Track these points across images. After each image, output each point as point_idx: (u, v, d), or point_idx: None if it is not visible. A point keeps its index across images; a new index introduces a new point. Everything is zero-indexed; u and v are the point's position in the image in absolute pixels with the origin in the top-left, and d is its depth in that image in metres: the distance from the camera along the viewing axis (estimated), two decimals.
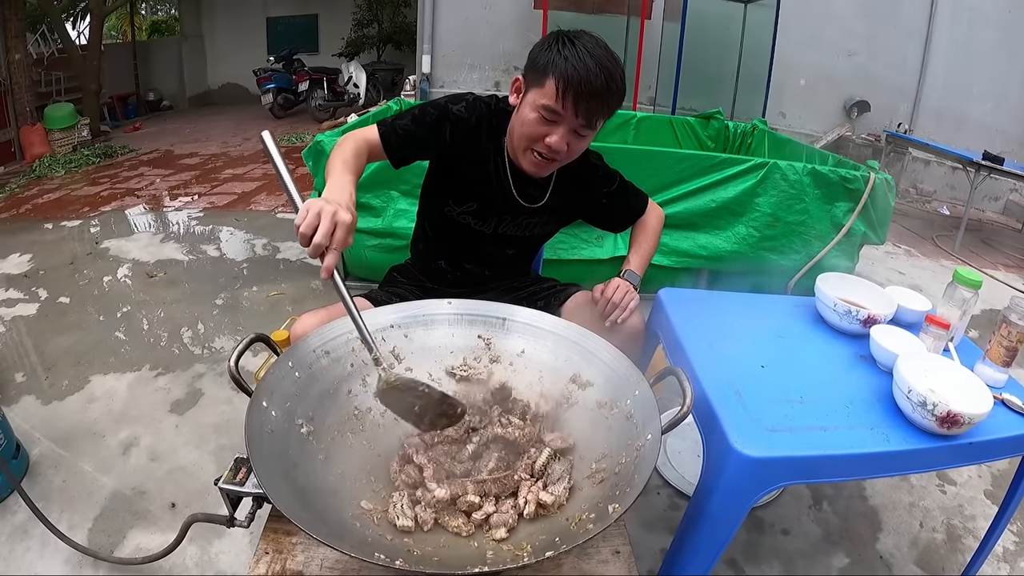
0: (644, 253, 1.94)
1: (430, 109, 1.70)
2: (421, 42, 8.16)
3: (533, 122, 1.56)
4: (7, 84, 8.20)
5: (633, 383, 1.26)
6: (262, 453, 1.04)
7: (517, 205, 1.82)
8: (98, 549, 1.96)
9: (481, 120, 1.73)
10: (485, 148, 1.76)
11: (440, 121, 1.69)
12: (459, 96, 1.76)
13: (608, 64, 1.48)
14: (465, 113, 1.72)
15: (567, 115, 1.52)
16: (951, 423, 1.30)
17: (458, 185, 1.81)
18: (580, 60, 1.46)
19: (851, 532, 2.24)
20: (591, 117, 1.53)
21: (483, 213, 1.83)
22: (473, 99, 1.75)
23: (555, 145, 1.56)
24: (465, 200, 1.82)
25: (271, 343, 1.31)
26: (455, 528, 1.08)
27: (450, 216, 1.84)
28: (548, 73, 1.49)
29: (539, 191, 1.83)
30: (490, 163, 1.77)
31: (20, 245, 4.68)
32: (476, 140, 1.74)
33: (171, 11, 16.58)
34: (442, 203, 1.84)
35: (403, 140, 1.67)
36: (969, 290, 1.68)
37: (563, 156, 1.62)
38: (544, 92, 1.51)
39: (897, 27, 8.22)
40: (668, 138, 5.58)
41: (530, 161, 1.65)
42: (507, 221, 1.85)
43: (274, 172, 1.23)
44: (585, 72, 1.45)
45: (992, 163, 5.79)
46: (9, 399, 2.75)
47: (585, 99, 1.48)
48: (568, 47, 1.48)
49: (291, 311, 3.66)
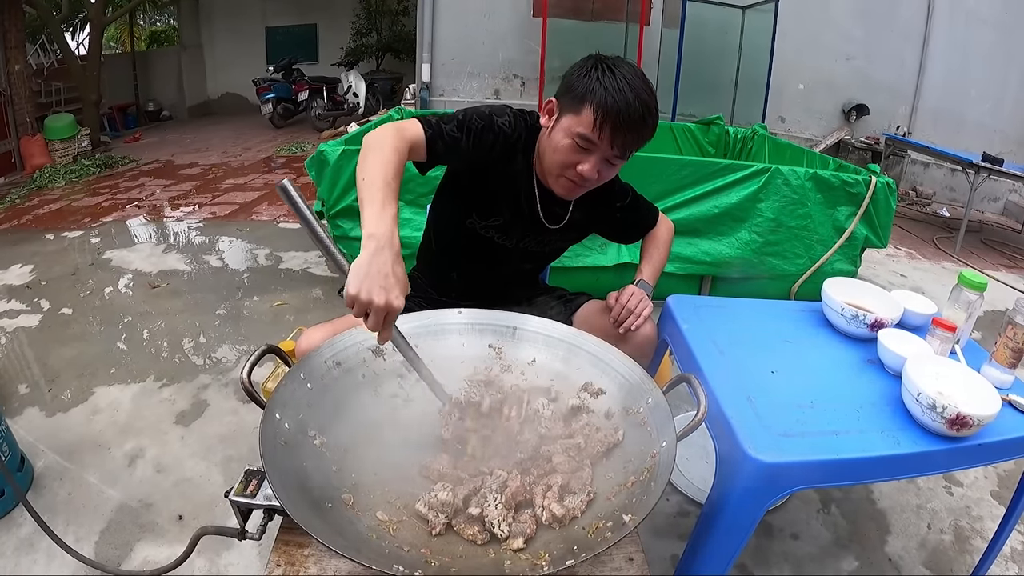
0: (656, 264, 1.95)
1: (476, 119, 1.62)
2: (420, 51, 8.18)
3: (566, 149, 1.54)
4: (7, 95, 8.20)
5: (646, 391, 1.26)
6: (276, 465, 1.03)
7: (541, 225, 1.81)
8: (105, 562, 1.96)
9: (521, 137, 1.69)
10: (518, 165, 1.73)
11: (485, 132, 1.62)
12: (501, 109, 1.69)
13: (646, 96, 1.46)
14: (509, 128, 1.66)
15: (602, 145, 1.50)
16: (960, 425, 1.30)
17: (485, 198, 1.77)
18: (620, 92, 1.43)
19: (859, 535, 2.24)
20: (626, 149, 1.52)
21: (508, 228, 1.81)
22: (514, 113, 1.70)
23: (587, 174, 1.54)
24: (491, 214, 1.78)
25: (282, 354, 1.30)
26: (470, 536, 1.07)
27: (472, 229, 1.81)
28: (586, 101, 1.46)
29: (562, 209, 1.82)
30: (520, 180, 1.75)
31: (21, 256, 4.69)
32: (512, 156, 1.70)
33: (170, 21, 16.59)
34: (464, 215, 1.80)
35: (448, 148, 1.57)
36: (974, 292, 1.68)
37: (593, 183, 1.61)
38: (580, 120, 1.48)
39: (894, 30, 8.25)
40: (669, 144, 5.59)
41: (562, 186, 1.63)
42: (529, 238, 1.84)
43: (300, 222, 1.13)
44: (625, 105, 1.43)
45: (991, 164, 5.81)
46: (13, 411, 2.74)
47: (623, 132, 1.46)
48: (608, 76, 1.45)
49: (294, 321, 3.66)
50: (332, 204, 3.53)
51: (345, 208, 3.52)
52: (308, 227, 1.12)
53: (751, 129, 5.46)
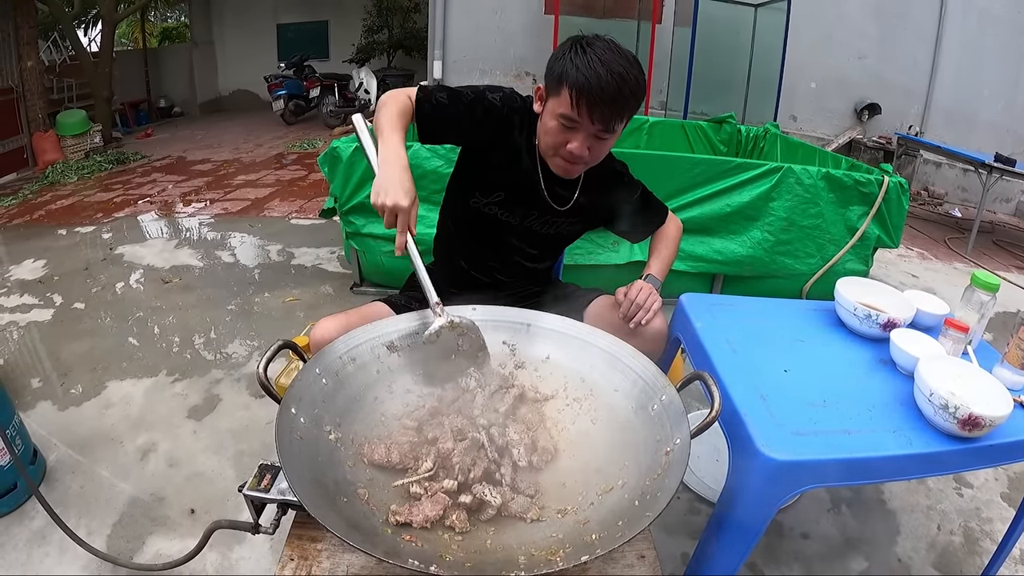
0: (664, 260, 1.96)
1: (467, 91, 1.74)
2: (432, 48, 8.18)
3: (554, 130, 1.60)
4: (19, 91, 8.24)
5: (660, 388, 1.26)
6: (292, 460, 1.04)
7: (545, 204, 1.84)
8: (117, 555, 1.97)
9: (514, 112, 1.76)
10: (517, 141, 1.78)
11: (474, 104, 1.72)
12: (498, 87, 1.79)
13: (620, 68, 1.49)
14: (499, 103, 1.74)
15: (584, 122, 1.54)
16: (972, 426, 1.30)
17: (486, 175, 1.82)
18: (591, 68, 1.48)
19: (869, 535, 2.24)
20: (607, 122, 1.55)
21: (511, 204, 1.84)
22: (510, 91, 1.78)
23: (576, 151, 1.58)
24: (493, 191, 1.82)
25: (298, 350, 1.31)
26: (452, 523, 1.09)
27: (476, 208, 1.85)
28: (563, 82, 1.52)
29: (568, 191, 1.85)
30: (522, 157, 1.79)
31: (34, 251, 4.71)
32: (508, 131, 1.76)
33: (182, 18, 16.62)
34: (468, 196, 1.85)
35: (436, 110, 1.70)
36: (987, 293, 1.67)
37: (588, 159, 1.64)
38: (560, 101, 1.54)
39: (907, 29, 8.20)
40: (681, 143, 5.58)
41: (558, 166, 1.69)
42: (534, 216, 1.86)
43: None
44: (596, 80, 1.47)
45: (1004, 165, 5.77)
46: (26, 404, 2.76)
47: (599, 107, 1.50)
48: (580, 55, 1.50)
49: (305, 317, 3.67)
50: (345, 200, 3.53)
51: (358, 205, 3.53)
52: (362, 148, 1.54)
53: (763, 128, 5.44)
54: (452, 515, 1.09)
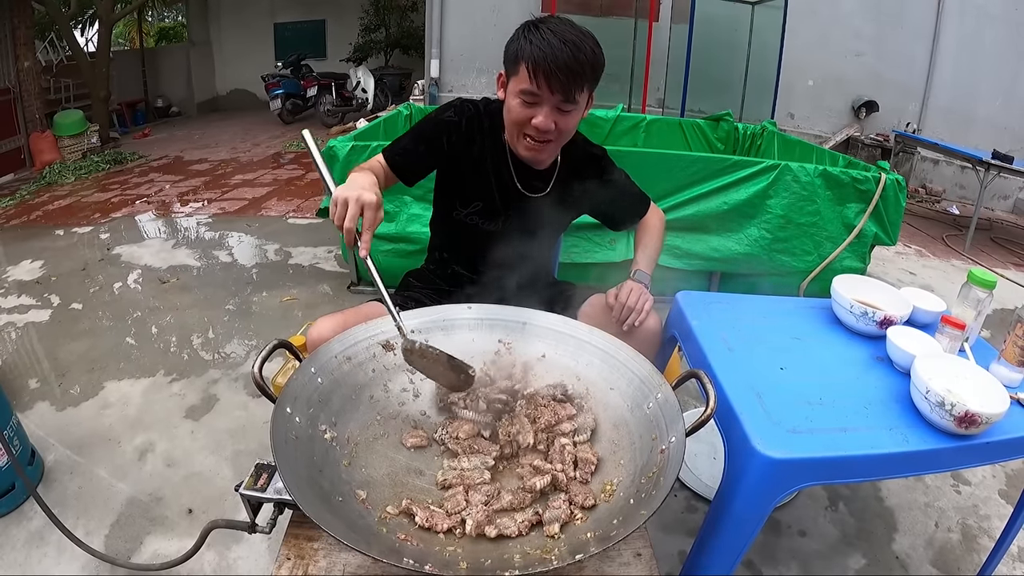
0: (651, 252, 1.98)
1: (424, 124, 1.84)
2: (429, 46, 8.18)
3: (517, 107, 1.64)
4: (16, 91, 8.22)
5: (656, 386, 1.26)
6: (287, 459, 1.04)
7: (520, 195, 1.86)
8: (115, 555, 1.97)
9: (471, 120, 1.82)
10: (480, 146, 1.83)
11: (437, 131, 1.81)
12: (448, 104, 1.86)
13: (573, 38, 1.54)
14: (455, 117, 1.82)
15: (544, 93, 1.58)
16: (969, 423, 1.30)
17: (462, 187, 1.88)
18: (544, 40, 1.53)
19: (867, 533, 2.24)
20: (567, 91, 1.57)
21: (489, 212, 1.88)
22: (460, 103, 1.86)
23: (542, 125, 1.62)
24: (471, 201, 1.87)
25: (293, 349, 1.31)
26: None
27: (458, 219, 1.90)
28: (519, 60, 1.57)
29: (542, 182, 1.88)
30: (488, 160, 1.83)
31: (32, 251, 4.71)
32: (470, 141, 1.82)
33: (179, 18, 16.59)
34: (449, 207, 1.91)
35: (407, 158, 1.80)
36: (984, 290, 1.67)
37: (555, 135, 1.67)
38: (520, 78, 1.59)
39: (904, 27, 8.20)
40: (678, 140, 5.57)
41: (525, 147, 1.71)
42: (513, 215, 1.88)
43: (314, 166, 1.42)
44: (550, 49, 1.52)
45: (1002, 162, 5.78)
46: (23, 405, 2.76)
47: (556, 75, 1.54)
48: (533, 32, 1.57)
49: (302, 316, 3.67)
50: None
51: None
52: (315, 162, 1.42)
53: (760, 125, 5.44)
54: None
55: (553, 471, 1.18)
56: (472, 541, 1.06)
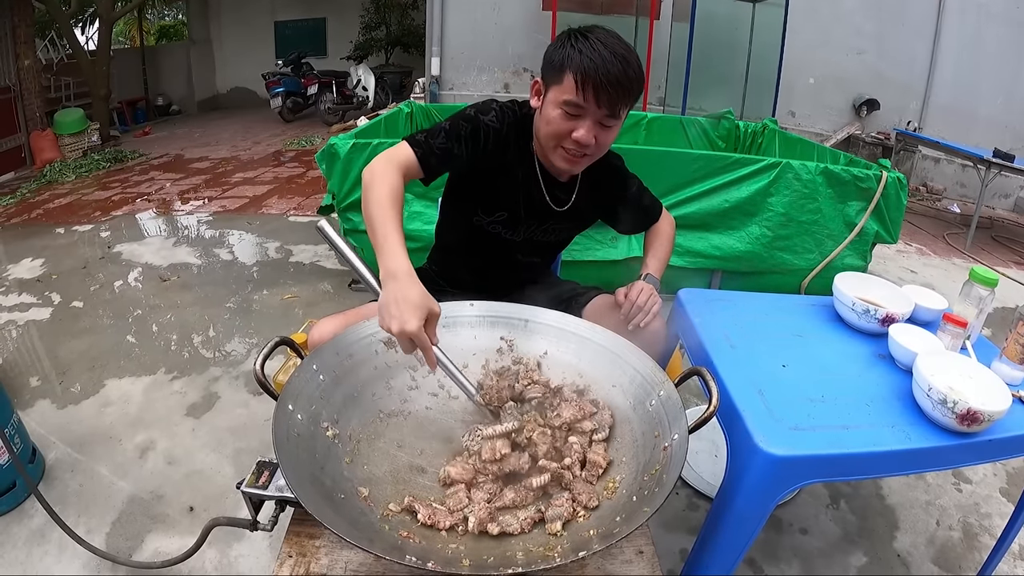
0: (661, 257, 1.94)
1: (462, 123, 1.65)
2: (430, 44, 8.17)
3: (557, 119, 1.56)
4: (17, 90, 8.23)
5: (658, 383, 1.26)
6: (289, 457, 1.04)
7: (547, 209, 1.82)
8: (116, 553, 1.97)
9: (511, 128, 1.72)
10: (513, 156, 1.74)
11: (475, 134, 1.66)
12: (486, 105, 1.72)
13: (622, 51, 1.49)
14: (496, 123, 1.69)
15: (590, 107, 1.51)
16: (971, 421, 1.30)
17: (488, 194, 1.79)
18: (595, 51, 1.47)
19: (868, 531, 2.24)
20: (614, 106, 1.52)
21: (513, 221, 1.82)
22: (500, 107, 1.73)
23: (583, 139, 1.55)
24: (495, 209, 1.80)
25: (295, 346, 1.31)
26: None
27: (479, 225, 1.83)
28: (565, 69, 1.50)
29: (565, 193, 1.83)
30: (519, 170, 1.76)
31: (32, 250, 4.71)
32: (506, 149, 1.72)
33: (179, 16, 16.58)
34: (469, 212, 1.82)
35: (442, 159, 1.61)
36: (986, 288, 1.67)
37: (593, 149, 1.61)
38: (564, 88, 1.52)
39: (906, 25, 8.20)
40: (679, 139, 5.57)
41: (561, 158, 1.64)
42: (535, 227, 1.85)
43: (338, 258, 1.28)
44: (601, 62, 1.46)
45: (1003, 160, 5.78)
46: (24, 403, 2.76)
47: (605, 88, 1.48)
48: (581, 41, 1.49)
49: (303, 314, 3.67)
50: (343, 197, 3.53)
51: (355, 202, 3.52)
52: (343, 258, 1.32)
53: (761, 124, 5.43)
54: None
55: (557, 469, 1.18)
56: (474, 538, 1.06)
